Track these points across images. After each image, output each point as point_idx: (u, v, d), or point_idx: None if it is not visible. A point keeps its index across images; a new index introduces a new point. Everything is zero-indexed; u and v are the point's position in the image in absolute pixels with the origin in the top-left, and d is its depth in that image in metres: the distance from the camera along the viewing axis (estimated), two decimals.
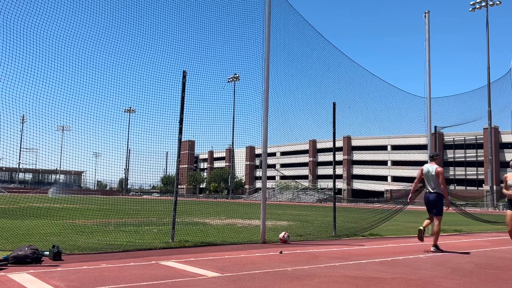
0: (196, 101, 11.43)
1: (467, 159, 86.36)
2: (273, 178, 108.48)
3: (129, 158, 14.08)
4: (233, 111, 12.69)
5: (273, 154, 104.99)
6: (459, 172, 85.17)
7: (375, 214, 15.86)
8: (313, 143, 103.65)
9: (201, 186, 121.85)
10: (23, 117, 10.56)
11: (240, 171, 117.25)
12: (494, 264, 8.10)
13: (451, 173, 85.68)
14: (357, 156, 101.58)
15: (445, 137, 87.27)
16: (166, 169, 70.60)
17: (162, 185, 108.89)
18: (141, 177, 12.13)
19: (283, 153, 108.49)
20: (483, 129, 75.00)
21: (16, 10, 8.65)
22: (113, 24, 10.76)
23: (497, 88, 27.82)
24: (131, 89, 11.31)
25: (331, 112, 12.92)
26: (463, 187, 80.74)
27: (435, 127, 17.15)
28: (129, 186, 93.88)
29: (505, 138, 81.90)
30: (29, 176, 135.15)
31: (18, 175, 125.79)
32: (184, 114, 10.15)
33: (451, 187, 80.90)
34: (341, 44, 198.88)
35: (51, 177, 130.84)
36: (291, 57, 13.84)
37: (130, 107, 13.36)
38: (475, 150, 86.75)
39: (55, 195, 60.56)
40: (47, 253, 7.11)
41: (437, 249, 9.75)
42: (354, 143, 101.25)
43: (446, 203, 10.43)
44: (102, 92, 11.04)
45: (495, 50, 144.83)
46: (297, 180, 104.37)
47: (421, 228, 9.98)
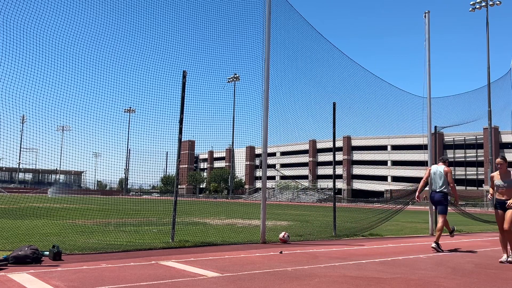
0: (196, 101, 11.43)
1: (467, 159, 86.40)
2: (273, 178, 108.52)
3: (129, 158, 14.08)
4: (233, 111, 12.69)
5: (273, 154, 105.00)
6: (459, 172, 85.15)
7: (375, 214, 15.86)
8: (313, 143, 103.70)
9: (201, 186, 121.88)
10: (23, 117, 10.56)
11: (240, 171, 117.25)
12: (494, 264, 8.11)
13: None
14: (357, 156, 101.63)
15: (445, 137, 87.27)
16: (166, 169, 70.55)
17: (162, 185, 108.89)
18: (141, 177, 12.12)
19: (283, 153, 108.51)
20: (483, 129, 74.97)
21: (16, 10, 8.66)
22: (113, 24, 10.77)
23: (497, 88, 27.78)
24: (131, 89, 11.30)
25: (331, 112, 12.92)
26: (463, 187, 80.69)
27: (435, 127, 17.13)
28: (129, 186, 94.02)
29: (505, 138, 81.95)
30: (29, 176, 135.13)
31: (18, 175, 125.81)
32: (184, 114, 10.16)
33: None
34: (341, 44, 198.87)
35: (51, 177, 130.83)
36: (291, 57, 13.84)
37: (130, 107, 13.36)
38: (475, 150, 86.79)
39: (54, 195, 60.59)
40: (47, 253, 7.11)
41: (438, 246, 9.81)
42: (354, 143, 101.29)
43: (455, 201, 11.05)
44: (102, 92, 11.04)
45: (495, 50, 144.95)
46: (297, 180, 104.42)
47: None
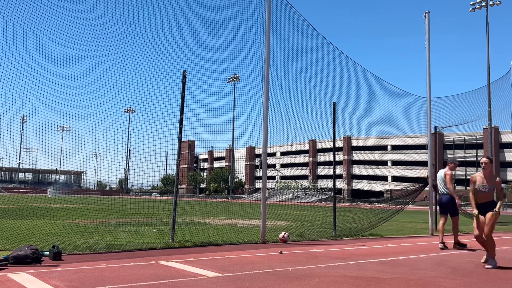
0: (196, 101, 11.42)
1: (467, 159, 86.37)
2: (273, 178, 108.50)
3: (129, 158, 14.08)
4: (233, 111, 12.69)
5: (273, 154, 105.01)
6: (459, 172, 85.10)
7: (375, 214, 15.85)
8: (313, 143, 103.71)
9: (201, 186, 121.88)
10: (23, 117, 10.56)
11: (240, 171, 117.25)
12: None
13: None
14: (357, 156, 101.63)
15: (445, 137, 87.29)
16: (166, 169, 70.54)
17: (162, 185, 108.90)
18: (141, 177, 12.11)
19: (283, 153, 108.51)
20: (483, 129, 74.96)
21: (16, 10, 8.66)
22: (113, 24, 10.77)
23: (497, 88, 27.77)
24: (131, 89, 11.30)
25: (331, 112, 12.92)
26: (463, 187, 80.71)
27: (435, 127, 17.13)
28: (129, 186, 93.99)
29: (505, 138, 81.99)
30: (29, 176, 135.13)
31: (18, 175, 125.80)
32: (184, 114, 10.15)
33: None
34: (341, 44, 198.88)
35: (51, 177, 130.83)
36: (291, 57, 13.83)
37: (130, 107, 13.37)
38: (475, 150, 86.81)
39: (54, 195, 60.57)
40: (47, 253, 7.11)
41: (460, 245, 10.55)
42: (354, 143, 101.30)
43: (457, 202, 11.25)
44: (102, 92, 11.04)
45: (495, 50, 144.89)
46: (297, 180, 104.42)
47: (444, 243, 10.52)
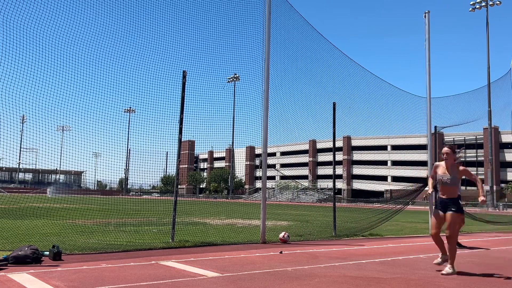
0: (196, 101, 11.43)
1: (467, 159, 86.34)
2: (273, 178, 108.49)
3: (129, 158, 14.09)
4: (233, 111, 12.70)
5: (273, 154, 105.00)
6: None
7: (375, 214, 15.85)
8: (313, 143, 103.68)
9: (201, 186, 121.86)
10: (23, 117, 10.56)
11: (240, 171, 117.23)
12: (494, 264, 8.10)
13: None
14: (357, 156, 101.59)
15: (445, 137, 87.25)
16: (166, 169, 70.59)
17: (162, 185, 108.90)
18: (141, 177, 12.12)
19: (283, 153, 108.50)
20: (483, 129, 75.02)
21: (16, 10, 8.66)
22: (113, 24, 10.77)
23: (497, 88, 27.79)
24: (131, 89, 11.31)
25: (331, 112, 12.92)
26: (463, 187, 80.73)
27: (435, 127, 17.13)
28: (129, 186, 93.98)
29: (505, 138, 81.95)
30: (29, 176, 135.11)
31: (18, 175, 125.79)
32: (184, 114, 10.16)
33: None
34: (341, 44, 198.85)
35: (51, 177, 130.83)
36: (291, 57, 13.83)
37: (130, 107, 13.38)
38: (475, 150, 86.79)
39: (54, 195, 60.56)
40: (47, 253, 7.11)
41: (459, 246, 10.46)
42: (354, 143, 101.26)
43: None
44: (102, 92, 11.05)
45: (495, 50, 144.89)
46: (297, 180, 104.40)
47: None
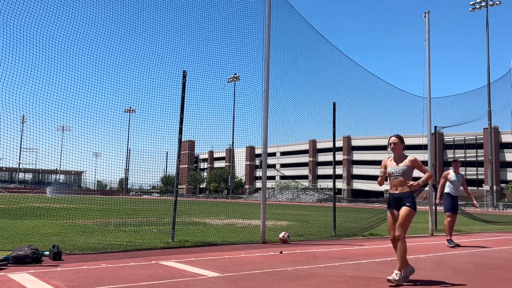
0: (196, 101, 11.41)
1: (467, 159, 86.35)
2: (273, 178, 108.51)
3: (129, 158, 14.08)
4: (233, 111, 12.70)
5: (273, 154, 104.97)
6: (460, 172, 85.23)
7: (375, 214, 15.85)
8: (313, 143, 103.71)
9: (201, 186, 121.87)
10: (23, 117, 10.57)
11: (240, 171, 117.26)
12: (494, 264, 8.10)
13: None
14: (357, 156, 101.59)
15: (445, 137, 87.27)
16: (166, 169, 70.62)
17: (162, 185, 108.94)
18: (141, 177, 12.12)
19: (283, 153, 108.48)
20: (483, 129, 75.03)
21: (16, 9, 8.65)
22: (113, 24, 10.77)
23: (497, 88, 27.76)
24: (131, 89, 11.31)
25: (331, 112, 12.91)
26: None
27: (435, 127, 17.14)
28: (129, 186, 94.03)
29: (505, 138, 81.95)
30: (29, 176, 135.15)
31: (18, 175, 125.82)
32: (184, 114, 10.15)
33: None
34: (341, 43, 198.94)
35: (51, 177, 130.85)
36: (291, 57, 13.82)
37: (130, 107, 13.38)
38: (475, 150, 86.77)
39: (53, 195, 60.55)
40: (47, 253, 7.11)
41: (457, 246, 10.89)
42: (354, 143, 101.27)
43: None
44: (102, 92, 11.05)
45: (495, 50, 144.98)
46: (297, 180, 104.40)
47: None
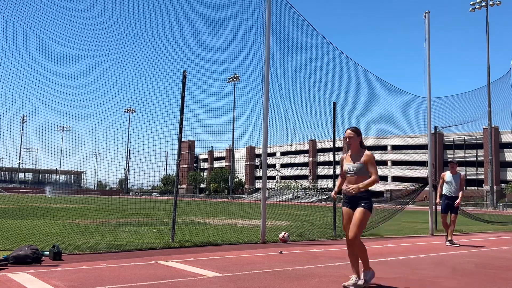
0: (196, 101, 11.42)
1: (467, 159, 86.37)
2: (273, 178, 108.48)
3: (129, 158, 14.09)
4: (233, 111, 12.68)
5: (273, 154, 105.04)
6: (459, 172, 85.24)
7: (375, 214, 15.84)
8: (313, 143, 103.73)
9: (201, 186, 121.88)
10: (23, 117, 10.58)
11: (240, 171, 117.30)
12: (494, 264, 8.10)
13: None
14: None
15: (445, 137, 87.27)
16: (166, 169, 70.65)
17: (162, 185, 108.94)
18: (141, 177, 12.13)
19: (283, 153, 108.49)
20: (483, 129, 75.06)
21: (16, 9, 8.66)
22: (113, 24, 10.77)
23: (497, 88, 27.77)
24: (131, 89, 11.32)
25: (331, 112, 12.92)
26: None
27: (435, 127, 17.13)
28: (129, 186, 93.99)
29: (505, 138, 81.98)
30: (29, 176, 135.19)
31: (18, 175, 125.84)
32: (184, 114, 10.15)
33: None
34: (341, 43, 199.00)
35: (51, 177, 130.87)
36: (291, 57, 13.82)
37: (130, 107, 13.40)
38: (475, 150, 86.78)
39: (53, 195, 60.55)
40: (47, 253, 7.11)
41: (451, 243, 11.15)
42: None
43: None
44: (102, 92, 11.06)
45: (495, 49, 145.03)
46: (297, 180, 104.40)
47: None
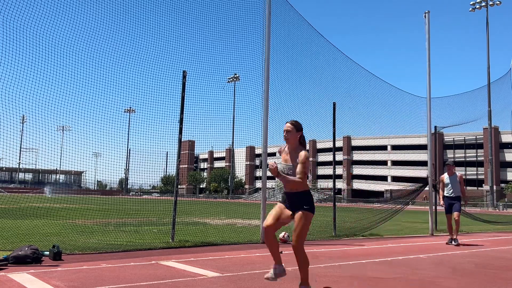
0: (196, 101, 11.42)
1: (467, 159, 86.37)
2: (273, 178, 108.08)
3: (129, 158, 14.10)
4: (233, 111, 12.68)
5: (273, 154, 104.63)
6: (459, 172, 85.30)
7: (375, 214, 15.85)
8: (313, 143, 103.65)
9: (201, 186, 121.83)
10: (23, 117, 10.59)
11: (240, 171, 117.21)
12: (494, 264, 8.10)
13: None
14: (357, 156, 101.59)
15: (445, 137, 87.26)
16: (166, 169, 70.64)
17: (162, 185, 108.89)
18: (141, 177, 12.14)
19: None
20: (483, 129, 75.06)
21: (16, 9, 8.66)
22: (113, 24, 10.78)
23: (497, 88, 27.80)
24: (131, 89, 11.32)
25: (331, 112, 12.91)
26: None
27: (435, 127, 17.14)
28: (129, 186, 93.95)
29: (505, 138, 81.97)
30: (29, 176, 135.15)
31: (18, 175, 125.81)
32: (184, 114, 10.14)
33: None
34: (341, 43, 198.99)
35: (51, 177, 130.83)
36: (291, 57, 13.82)
37: (130, 107, 13.40)
38: (475, 150, 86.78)
39: (53, 195, 60.55)
40: (47, 253, 7.11)
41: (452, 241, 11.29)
42: (354, 143, 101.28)
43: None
44: (102, 92, 11.06)
45: (495, 49, 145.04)
46: None
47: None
